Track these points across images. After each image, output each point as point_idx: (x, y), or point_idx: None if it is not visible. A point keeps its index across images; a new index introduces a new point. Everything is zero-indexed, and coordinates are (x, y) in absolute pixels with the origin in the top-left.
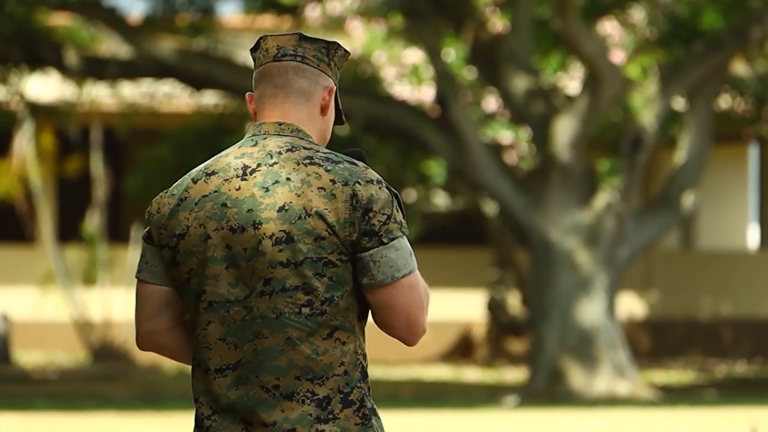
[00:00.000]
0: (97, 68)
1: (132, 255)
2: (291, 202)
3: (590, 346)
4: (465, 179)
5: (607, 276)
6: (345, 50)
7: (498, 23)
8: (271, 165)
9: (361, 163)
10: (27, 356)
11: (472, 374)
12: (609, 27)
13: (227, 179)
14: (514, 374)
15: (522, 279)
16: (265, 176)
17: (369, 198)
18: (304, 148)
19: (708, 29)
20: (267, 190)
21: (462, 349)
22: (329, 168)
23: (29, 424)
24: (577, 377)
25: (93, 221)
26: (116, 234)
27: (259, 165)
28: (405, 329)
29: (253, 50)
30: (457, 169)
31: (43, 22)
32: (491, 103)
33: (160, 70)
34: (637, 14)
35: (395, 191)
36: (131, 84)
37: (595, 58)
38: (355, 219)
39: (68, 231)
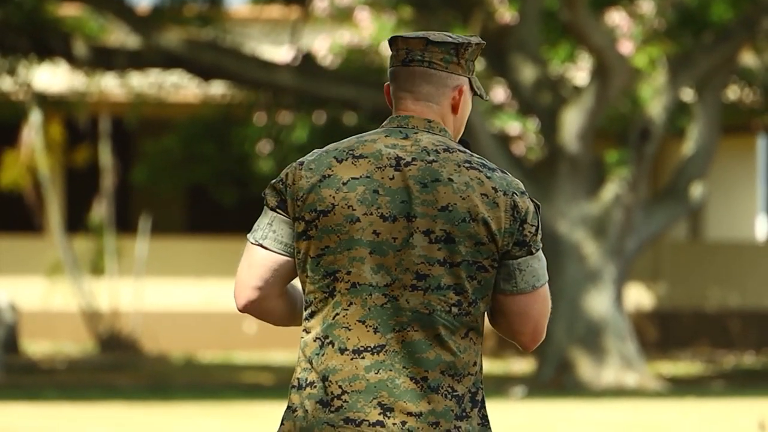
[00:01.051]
0: (105, 58)
1: (140, 245)
2: (455, 204)
3: (598, 338)
4: None
5: (614, 267)
6: (476, 44)
7: (506, 14)
8: (429, 162)
9: (508, 173)
10: (35, 346)
11: None
12: (617, 17)
13: (380, 167)
14: (522, 365)
15: None
16: (423, 172)
17: (526, 210)
18: (459, 150)
19: (717, 20)
20: (425, 186)
21: None
22: (489, 175)
23: (37, 414)
24: (585, 368)
25: (101, 211)
26: (124, 224)
27: (414, 159)
28: (530, 335)
29: (390, 46)
30: None
31: (52, 13)
32: (499, 93)
33: (167, 60)
34: (646, 5)
35: (537, 202)
36: (139, 74)
37: (603, 49)
38: (514, 230)
39: (76, 221)
